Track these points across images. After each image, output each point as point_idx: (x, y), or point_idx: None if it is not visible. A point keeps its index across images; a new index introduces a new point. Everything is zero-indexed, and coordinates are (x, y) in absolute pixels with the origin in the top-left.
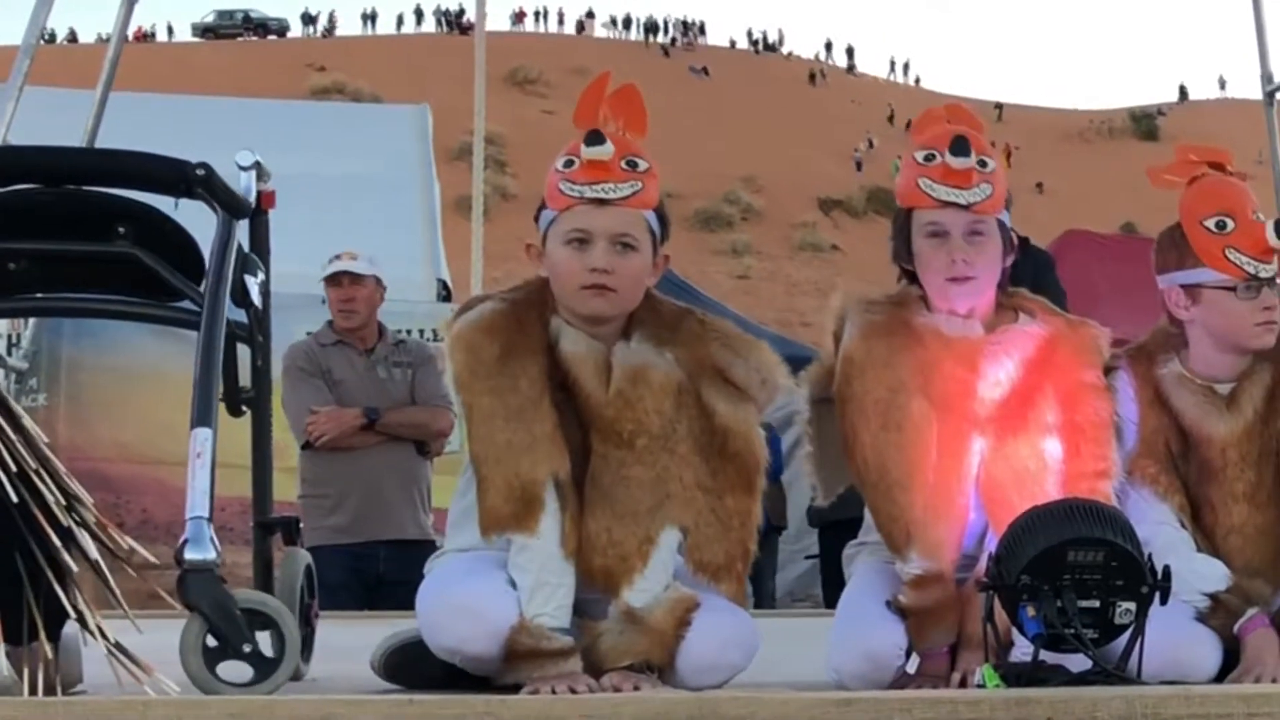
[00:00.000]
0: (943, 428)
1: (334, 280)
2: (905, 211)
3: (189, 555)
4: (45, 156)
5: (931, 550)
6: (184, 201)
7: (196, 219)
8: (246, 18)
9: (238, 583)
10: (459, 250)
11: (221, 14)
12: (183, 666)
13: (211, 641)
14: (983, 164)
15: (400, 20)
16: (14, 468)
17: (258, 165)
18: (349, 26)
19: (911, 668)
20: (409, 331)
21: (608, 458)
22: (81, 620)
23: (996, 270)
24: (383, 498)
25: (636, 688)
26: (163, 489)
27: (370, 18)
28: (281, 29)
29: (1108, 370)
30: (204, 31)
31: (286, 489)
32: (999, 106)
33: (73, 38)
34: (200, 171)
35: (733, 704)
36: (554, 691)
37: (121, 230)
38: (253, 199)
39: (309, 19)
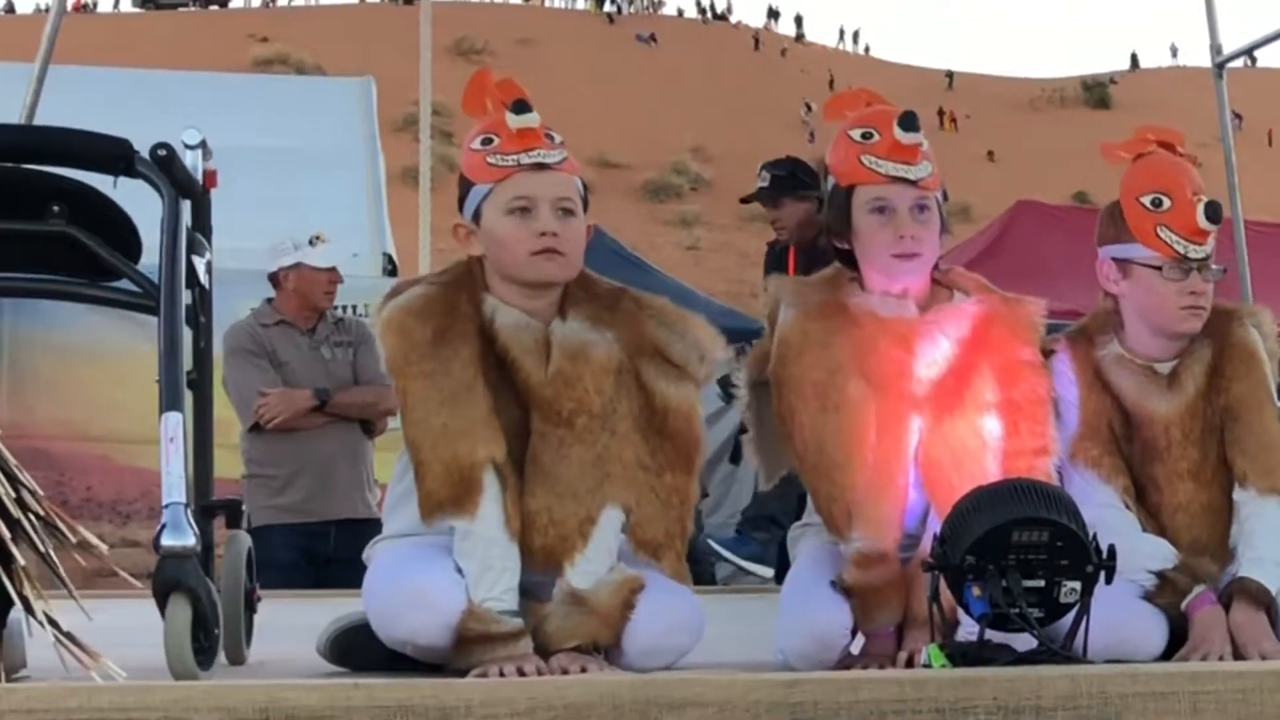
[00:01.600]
0: (880, 408)
1: (329, 266)
2: (845, 190)
3: (167, 541)
4: None
5: (873, 529)
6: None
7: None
8: None
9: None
10: (405, 222)
11: None
12: (166, 650)
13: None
14: (922, 143)
15: None
16: None
17: (203, 144)
18: None
19: (857, 648)
20: (354, 307)
21: (547, 437)
22: (27, 607)
23: (937, 248)
24: (333, 478)
25: (584, 669)
26: (106, 467)
27: None
28: None
29: (1047, 353)
30: (144, 2)
31: (229, 466)
32: (950, 75)
33: (10, 8)
34: (162, 152)
35: (679, 686)
36: (502, 674)
37: (56, 209)
38: (199, 178)
39: None
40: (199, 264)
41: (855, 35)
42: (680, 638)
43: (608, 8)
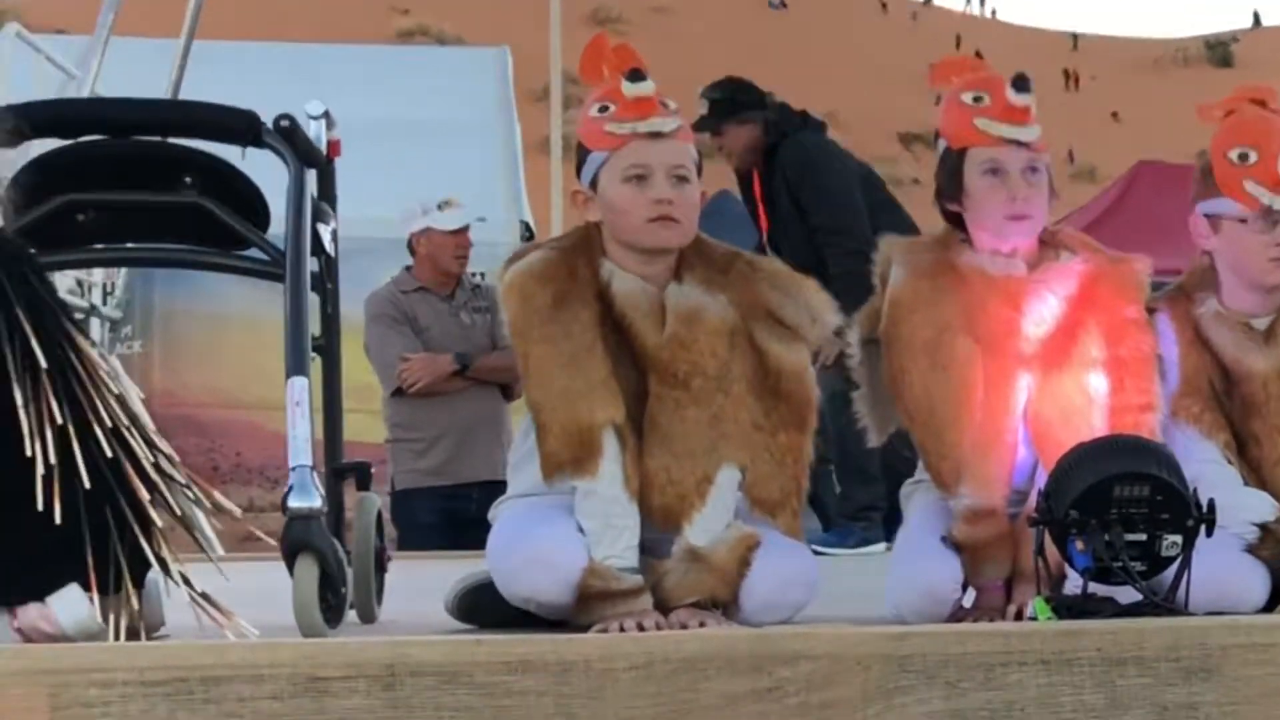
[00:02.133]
0: (989, 366)
1: (456, 230)
2: (957, 153)
3: (294, 503)
4: (113, 107)
5: (981, 486)
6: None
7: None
8: None
9: None
10: (542, 191)
11: None
12: (295, 608)
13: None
14: (1032, 105)
15: None
16: (108, 424)
17: (327, 114)
18: None
19: (968, 602)
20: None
21: (664, 399)
22: (165, 568)
23: (1046, 209)
24: (474, 440)
25: (702, 624)
26: (255, 432)
27: None
28: None
29: (1148, 312)
30: None
31: (373, 431)
32: (1074, 36)
33: None
34: (285, 123)
35: (792, 639)
36: (623, 629)
37: (188, 180)
38: (323, 148)
39: None
40: (324, 232)
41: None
42: (795, 593)
43: None
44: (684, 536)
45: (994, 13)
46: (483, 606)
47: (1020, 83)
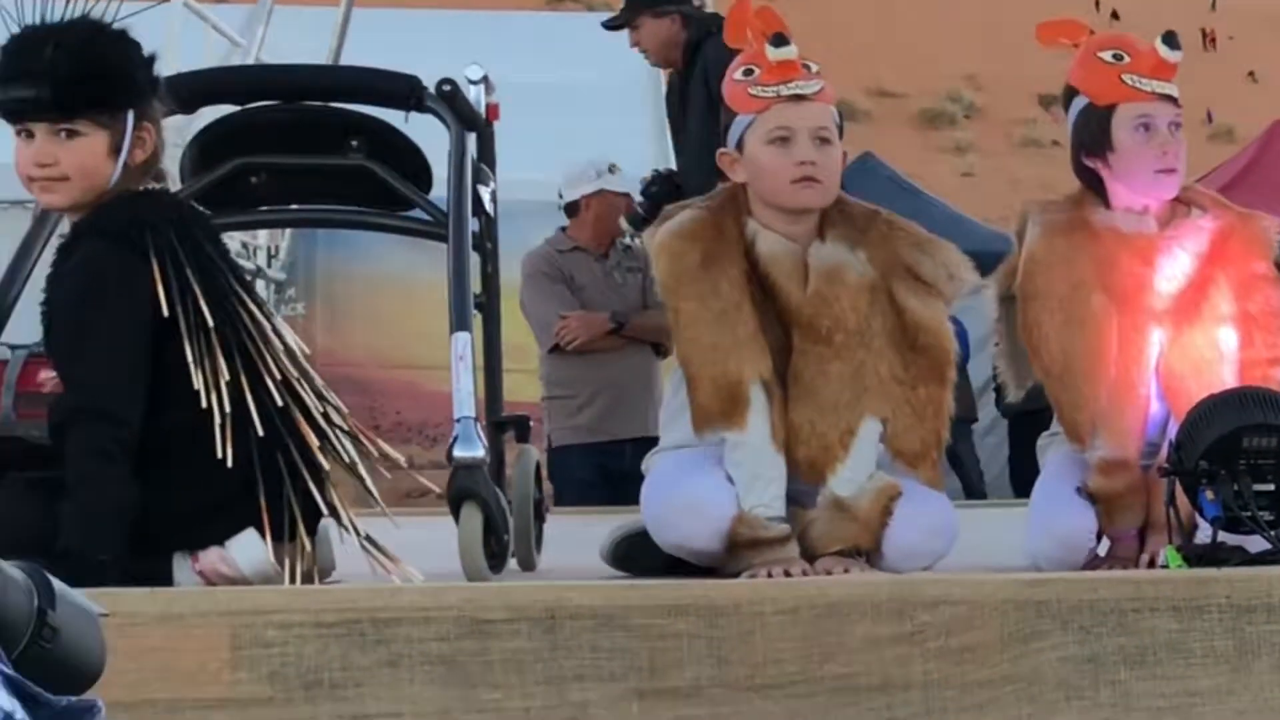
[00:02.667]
0: (1122, 321)
1: (625, 192)
2: (1104, 109)
3: (459, 453)
4: (281, 74)
5: (1116, 438)
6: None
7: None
8: None
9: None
10: None
11: None
12: (461, 553)
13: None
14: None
15: None
16: (278, 375)
17: (485, 79)
18: None
19: (1103, 551)
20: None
21: (808, 354)
22: (336, 516)
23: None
24: (628, 398)
25: (846, 571)
26: (415, 392)
27: None
28: None
29: (1278, 267)
30: None
31: (528, 390)
32: None
33: None
34: (446, 87)
35: (931, 585)
36: (770, 576)
37: (354, 143)
38: (482, 111)
39: None
40: (484, 193)
41: None
42: (936, 542)
43: None
44: (828, 487)
45: None
46: (636, 554)
47: (1170, 39)
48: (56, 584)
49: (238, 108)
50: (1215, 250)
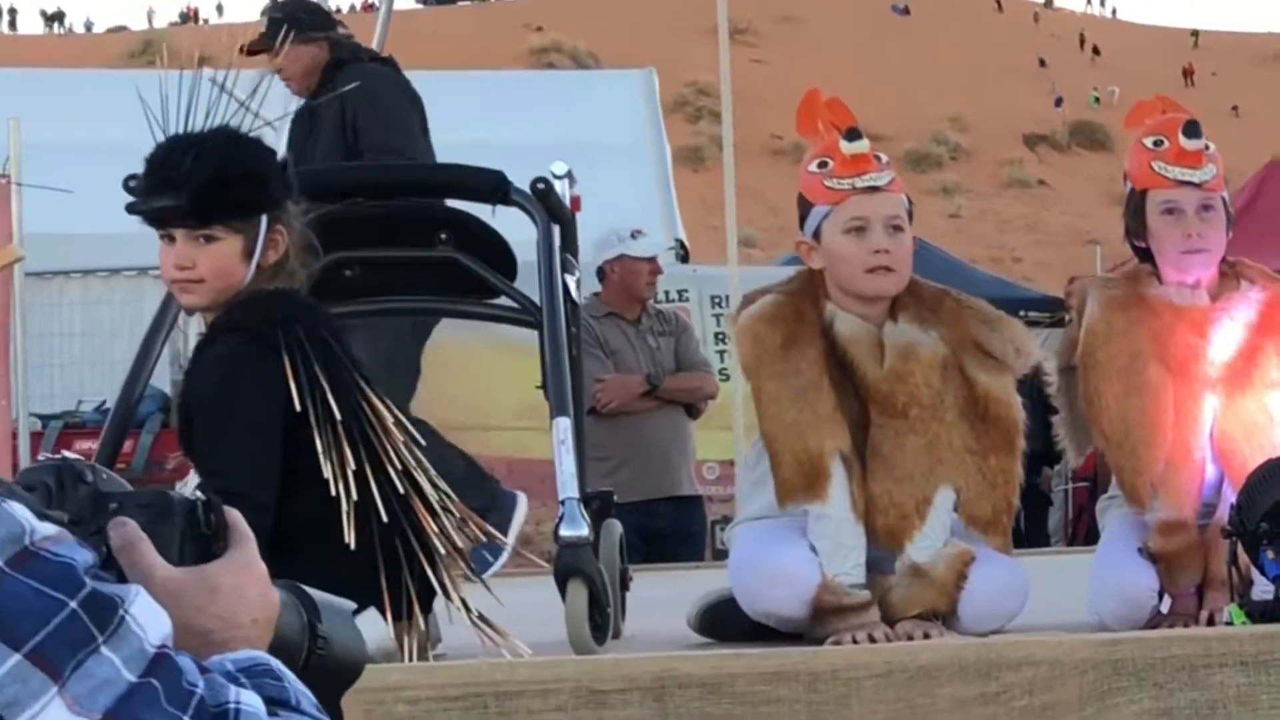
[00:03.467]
0: (1178, 389)
1: (650, 256)
2: (1140, 193)
3: (565, 532)
4: (376, 172)
5: (1174, 500)
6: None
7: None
8: None
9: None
10: (682, 202)
11: None
12: (569, 628)
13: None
14: (1207, 146)
15: None
16: (399, 465)
17: (569, 174)
18: None
19: (1164, 608)
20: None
21: (885, 428)
22: (448, 595)
23: (1223, 242)
24: (661, 458)
25: (926, 635)
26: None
27: None
28: None
29: None
30: None
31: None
32: (1195, 34)
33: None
34: (541, 185)
35: (1015, 647)
36: (855, 640)
37: (443, 236)
38: (568, 204)
39: None
40: (570, 282)
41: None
42: (1009, 603)
43: None
44: (906, 554)
45: (1114, 11)
46: (723, 621)
47: (1190, 128)
48: (313, 592)
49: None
50: (1264, 320)
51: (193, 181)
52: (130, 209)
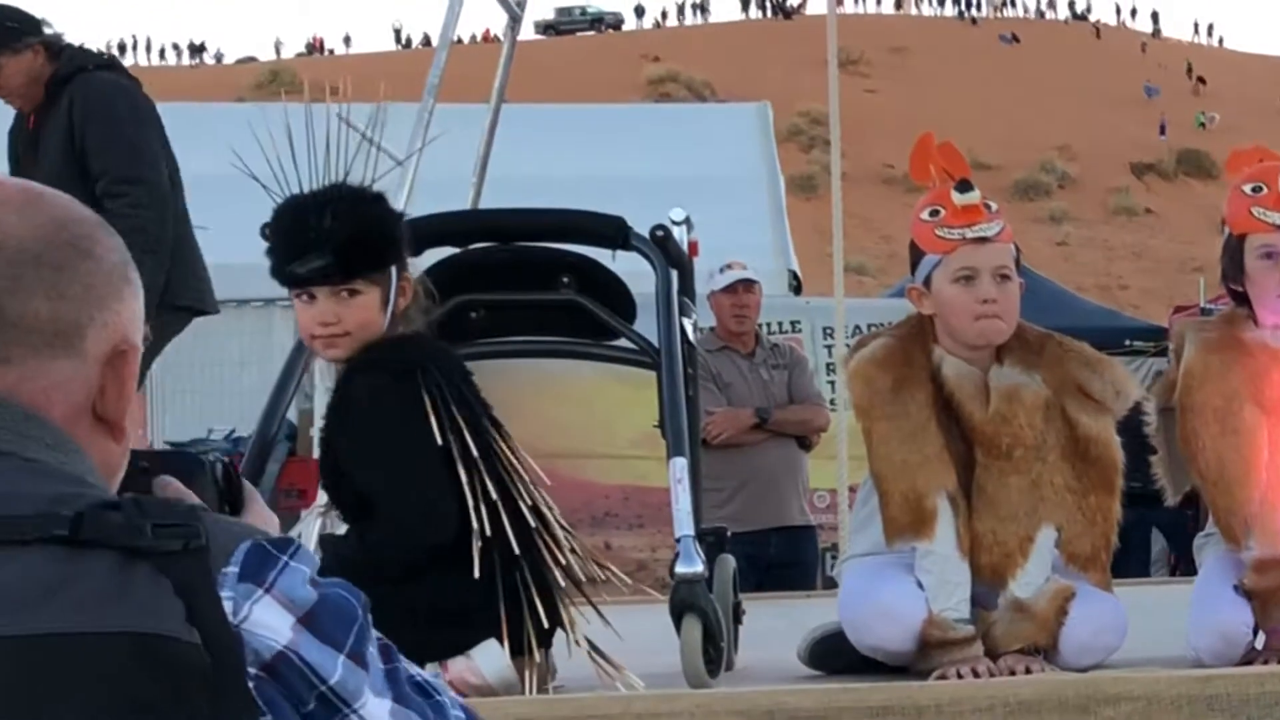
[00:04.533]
0: (1273, 431)
1: (730, 289)
2: (1237, 238)
3: (681, 569)
4: (501, 217)
5: (1268, 538)
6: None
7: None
8: (583, 12)
9: (622, 563)
10: (794, 230)
11: (560, 11)
12: (684, 663)
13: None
14: None
15: (741, 4)
16: (529, 501)
17: (688, 220)
18: (678, 17)
19: (1259, 643)
20: (765, 324)
21: (989, 468)
22: (566, 630)
23: None
24: (772, 489)
25: (1028, 669)
26: (555, 480)
27: (699, 7)
28: (616, 22)
29: None
30: (545, 29)
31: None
32: None
33: (403, 42)
34: (660, 233)
35: (1112, 683)
36: (959, 675)
37: (565, 280)
38: (685, 248)
39: (640, 11)
40: (686, 324)
41: (1210, 28)
42: (1108, 638)
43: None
44: (1009, 590)
45: (1221, 41)
46: (832, 654)
47: None
48: None
49: (459, 249)
50: None
51: (334, 240)
52: (274, 273)
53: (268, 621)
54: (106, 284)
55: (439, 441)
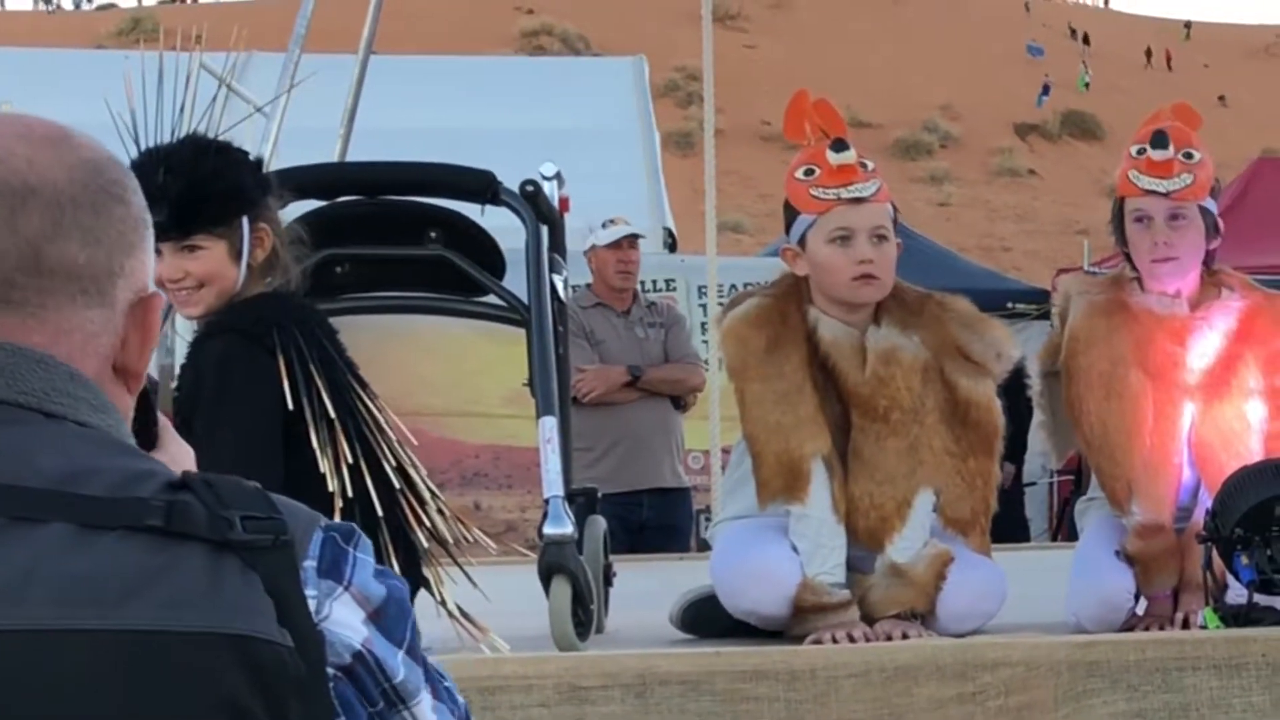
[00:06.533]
0: (1157, 396)
1: (615, 245)
2: (1119, 201)
3: (549, 530)
4: (366, 171)
5: (1152, 504)
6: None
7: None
8: None
9: (492, 524)
10: (669, 187)
11: None
12: (552, 626)
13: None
14: (1188, 155)
15: None
16: (394, 462)
17: (559, 175)
18: None
19: (1140, 609)
20: (640, 283)
21: (866, 431)
22: (430, 590)
23: (1198, 251)
24: (645, 449)
25: (905, 634)
26: (419, 439)
27: None
28: None
29: None
30: None
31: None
32: (1188, 25)
33: None
34: (530, 188)
35: (992, 648)
36: (834, 639)
37: (433, 234)
38: (556, 204)
39: None
40: (557, 281)
41: None
42: (987, 604)
43: None
44: (886, 554)
45: (1107, 2)
46: (704, 618)
47: (1158, 138)
48: None
49: (324, 202)
50: (1244, 329)
51: (167, 195)
52: None
53: (347, 620)
54: (135, 230)
55: (290, 405)
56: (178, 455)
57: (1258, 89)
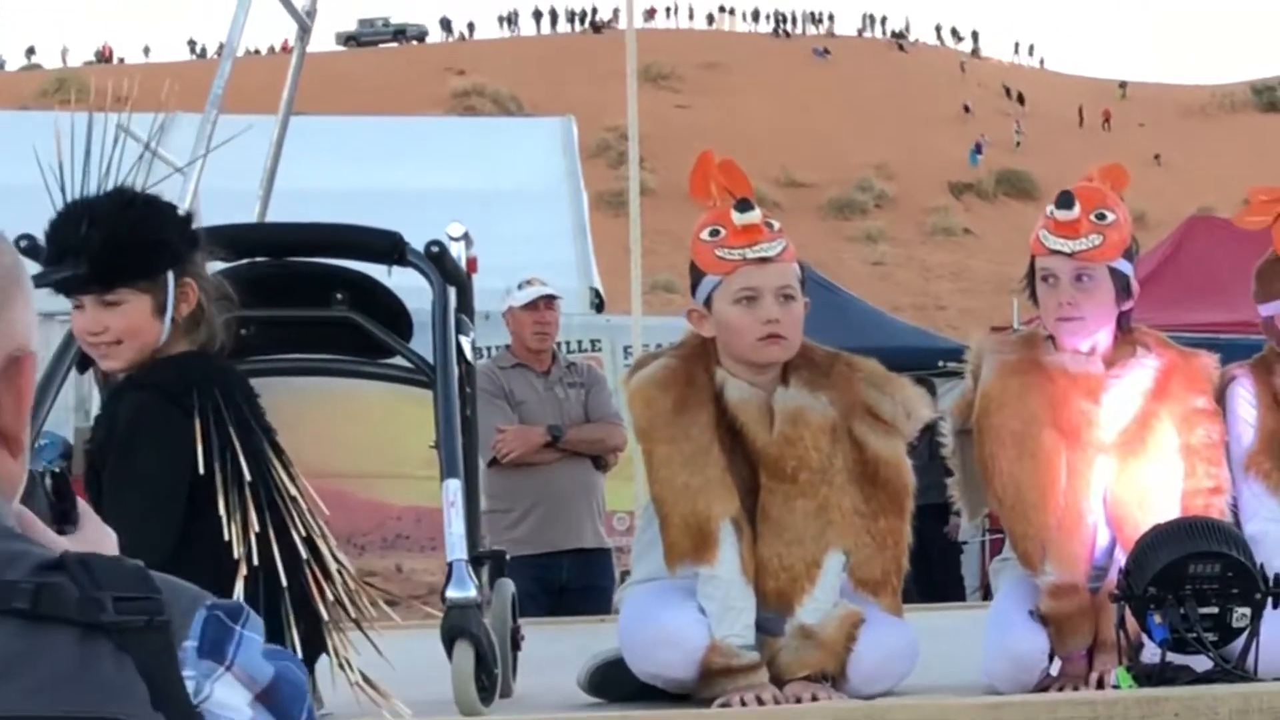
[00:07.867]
0: (1071, 454)
1: (531, 305)
2: (1031, 260)
3: (452, 594)
4: (270, 232)
5: (1065, 563)
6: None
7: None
8: (386, 24)
9: (414, 586)
10: (601, 247)
11: (363, 22)
12: (455, 690)
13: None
14: (1100, 216)
15: (538, 17)
16: (303, 532)
17: (466, 235)
18: (485, 30)
19: (1054, 670)
20: (565, 343)
21: (774, 492)
22: (334, 656)
23: (1106, 312)
24: (565, 510)
25: (814, 697)
26: (342, 502)
27: (507, 20)
28: (420, 34)
29: (1229, 380)
30: (347, 40)
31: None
32: (1123, 85)
33: (198, 52)
34: (435, 249)
35: (901, 710)
36: (743, 702)
37: (339, 296)
38: (463, 265)
39: (446, 24)
40: (464, 342)
41: (1030, 48)
42: (898, 665)
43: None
44: (795, 616)
45: (1042, 61)
46: (612, 682)
47: (1063, 199)
48: None
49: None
50: (1159, 387)
51: (90, 249)
52: (37, 280)
53: (229, 701)
54: (2, 290)
55: (201, 469)
56: (95, 537)
57: (1192, 148)
